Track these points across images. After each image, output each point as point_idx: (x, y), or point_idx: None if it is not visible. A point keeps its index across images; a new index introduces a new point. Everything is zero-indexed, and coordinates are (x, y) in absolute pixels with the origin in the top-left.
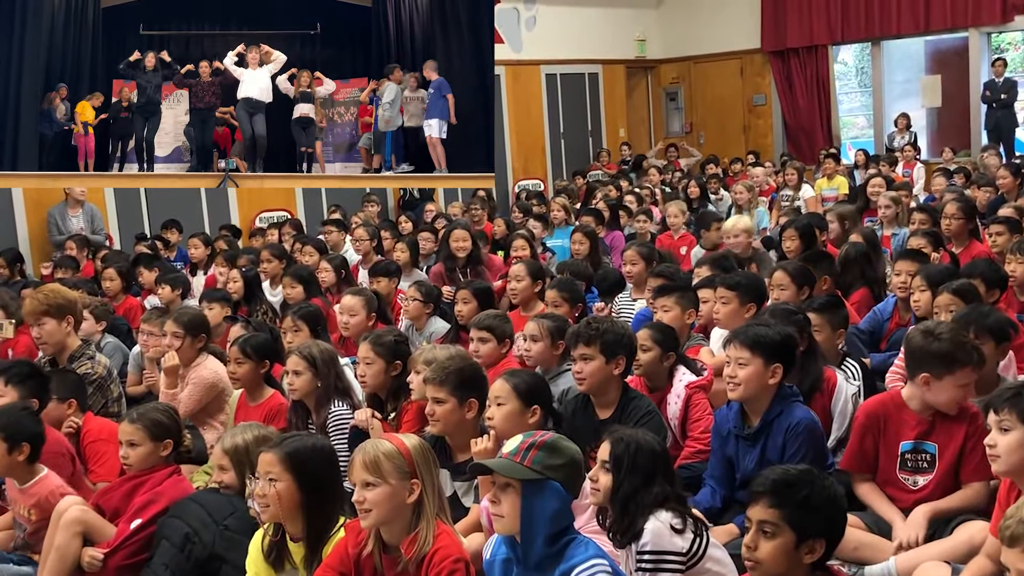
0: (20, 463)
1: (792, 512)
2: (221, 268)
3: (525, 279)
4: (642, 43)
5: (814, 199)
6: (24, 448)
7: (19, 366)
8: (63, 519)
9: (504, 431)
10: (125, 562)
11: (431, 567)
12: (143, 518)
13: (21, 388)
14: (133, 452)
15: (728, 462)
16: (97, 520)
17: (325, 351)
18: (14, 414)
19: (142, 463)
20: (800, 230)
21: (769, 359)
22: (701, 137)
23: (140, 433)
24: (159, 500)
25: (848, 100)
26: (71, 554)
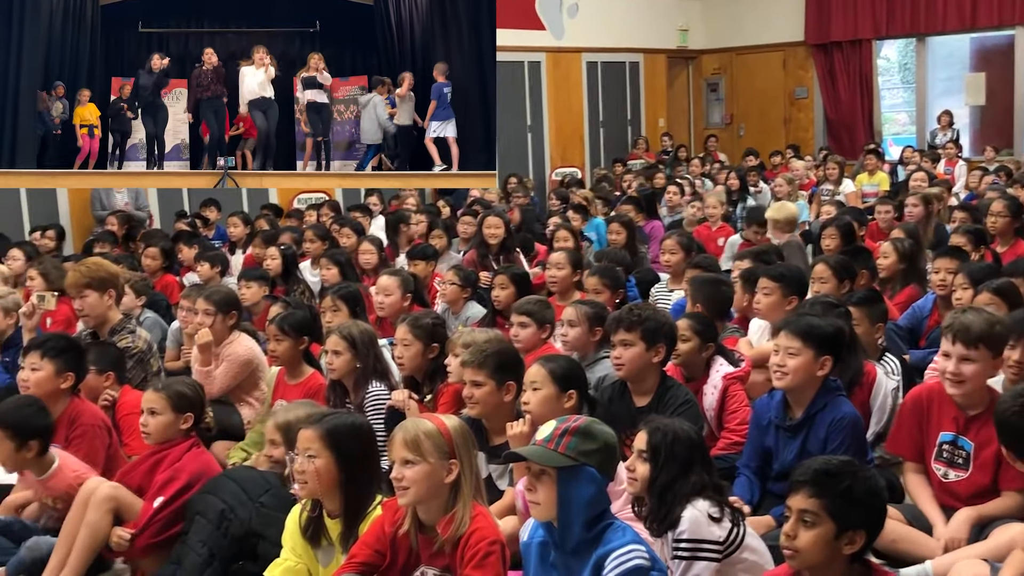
0: (31, 459)
1: (833, 502)
2: (260, 247)
3: (566, 267)
4: (684, 33)
5: (854, 194)
6: (32, 445)
7: (55, 339)
8: (95, 496)
9: (540, 416)
10: (152, 540)
11: (467, 548)
12: (165, 496)
13: (57, 361)
14: (153, 420)
15: (765, 453)
16: (128, 498)
17: (365, 332)
18: (20, 411)
19: (160, 433)
20: (841, 228)
21: (819, 350)
22: (741, 129)
23: (162, 402)
24: (180, 476)
25: (890, 96)
26: (102, 531)
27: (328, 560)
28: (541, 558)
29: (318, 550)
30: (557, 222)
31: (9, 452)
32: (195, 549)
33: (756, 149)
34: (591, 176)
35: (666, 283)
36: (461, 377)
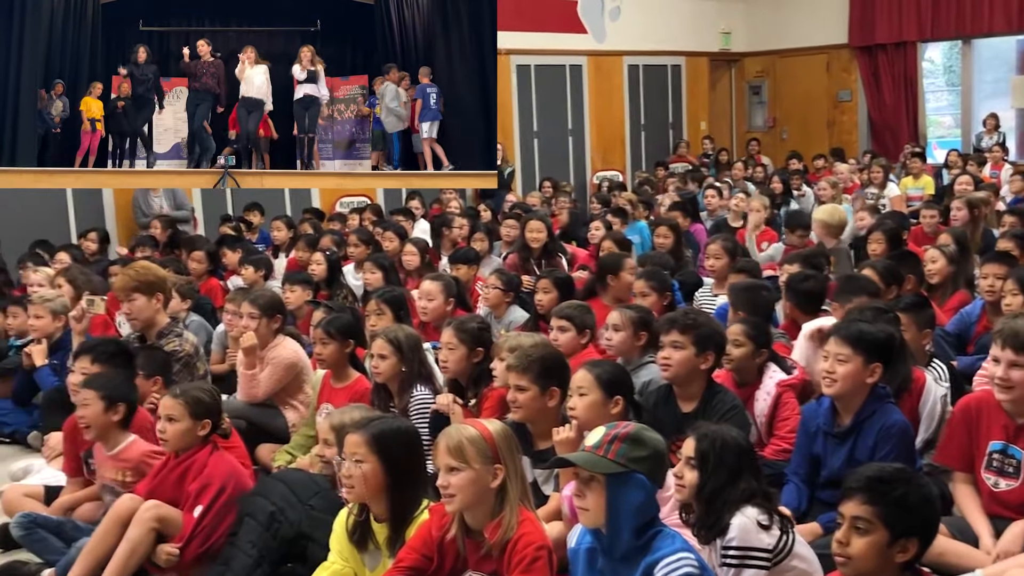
0: (114, 424)
1: (887, 510)
2: (303, 251)
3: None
4: (727, 36)
5: (899, 198)
6: (119, 408)
7: (105, 344)
8: (140, 514)
9: (586, 421)
10: (200, 550)
11: (514, 553)
12: (203, 503)
13: (107, 366)
14: (171, 427)
15: (813, 460)
16: (171, 513)
17: (410, 336)
18: (114, 378)
19: (178, 440)
20: (887, 233)
21: (870, 357)
22: (784, 132)
23: (180, 409)
24: (213, 482)
25: (934, 99)
26: (143, 549)
27: (375, 564)
28: (589, 564)
29: (365, 554)
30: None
31: (98, 412)
32: (244, 550)
33: (799, 152)
34: (632, 179)
35: (710, 287)
36: (506, 381)
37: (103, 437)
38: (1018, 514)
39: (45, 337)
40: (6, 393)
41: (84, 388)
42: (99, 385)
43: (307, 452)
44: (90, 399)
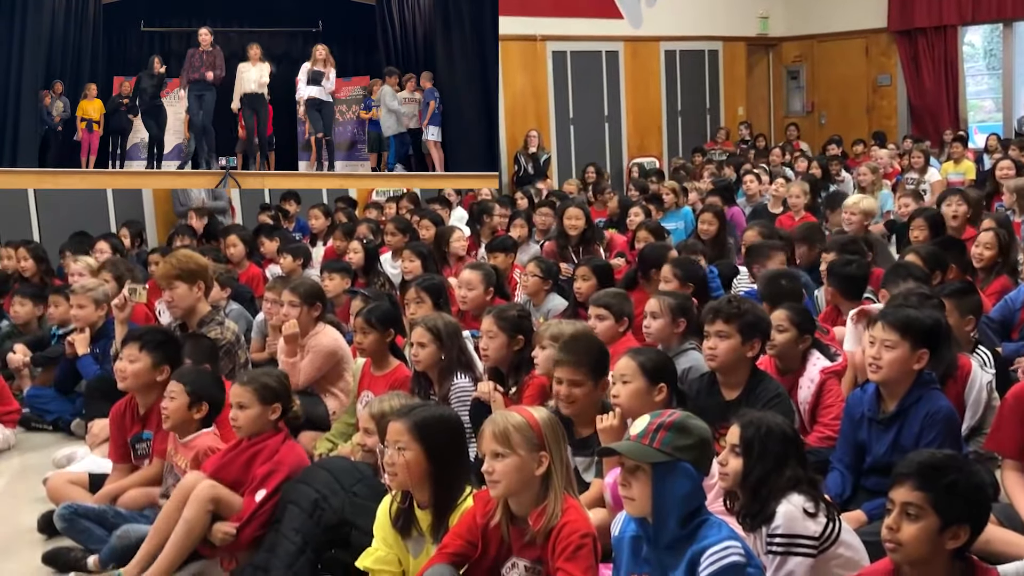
0: (195, 420)
1: (938, 496)
2: (340, 240)
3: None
4: (764, 20)
5: (940, 183)
6: (203, 407)
7: (152, 333)
8: (195, 494)
9: (629, 409)
10: (257, 533)
11: (559, 540)
12: (268, 489)
13: (155, 354)
14: (242, 414)
15: (858, 447)
16: (227, 495)
17: (450, 324)
18: (205, 376)
19: (251, 426)
20: (929, 220)
21: (916, 343)
22: (823, 117)
23: (249, 395)
24: (280, 469)
25: (975, 83)
26: (199, 529)
27: (419, 550)
28: (633, 553)
29: (408, 540)
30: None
31: (181, 406)
32: (289, 537)
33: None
34: (668, 166)
35: (747, 276)
36: (548, 370)
37: (179, 430)
38: None
39: (87, 326)
40: (48, 381)
41: (174, 380)
42: (188, 380)
43: (348, 440)
44: (176, 392)
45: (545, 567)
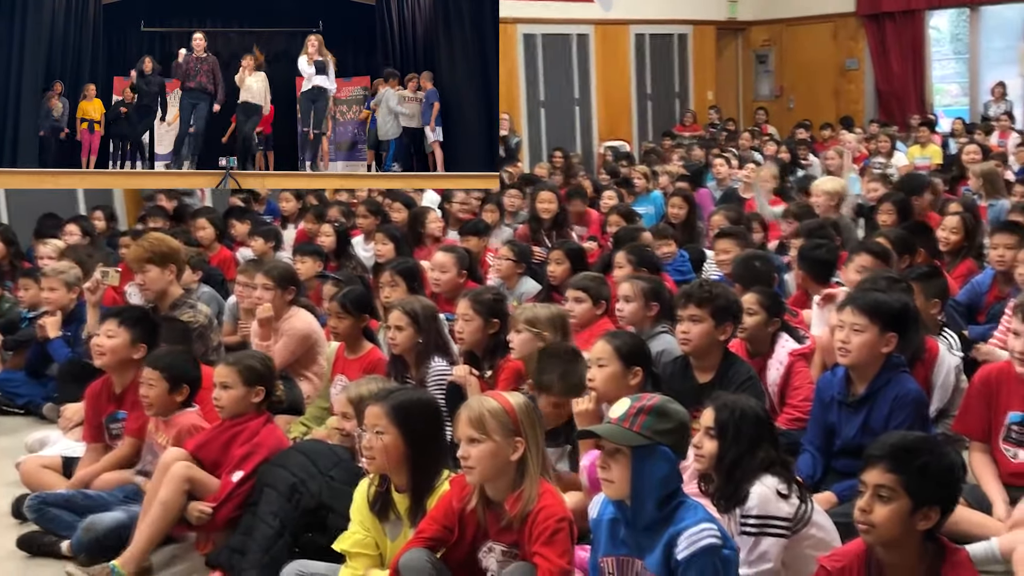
0: (176, 404)
1: (910, 478)
2: (311, 223)
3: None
4: (733, 4)
5: (907, 167)
6: (184, 390)
7: (132, 310)
8: (169, 474)
9: (605, 393)
10: (233, 514)
11: (535, 525)
12: (245, 470)
13: (133, 330)
14: (225, 394)
15: (828, 430)
16: (202, 475)
17: (427, 307)
18: (180, 357)
19: (233, 407)
20: (897, 204)
21: (885, 327)
22: (791, 101)
23: (234, 376)
24: (259, 451)
25: (941, 67)
26: (176, 508)
27: (396, 534)
28: (611, 534)
29: (386, 524)
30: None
31: (162, 392)
32: (266, 521)
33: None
34: (639, 149)
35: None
36: (523, 354)
37: (163, 413)
38: None
39: (59, 309)
40: (19, 365)
41: (149, 368)
42: (164, 365)
43: (321, 424)
44: (154, 379)
45: (521, 551)
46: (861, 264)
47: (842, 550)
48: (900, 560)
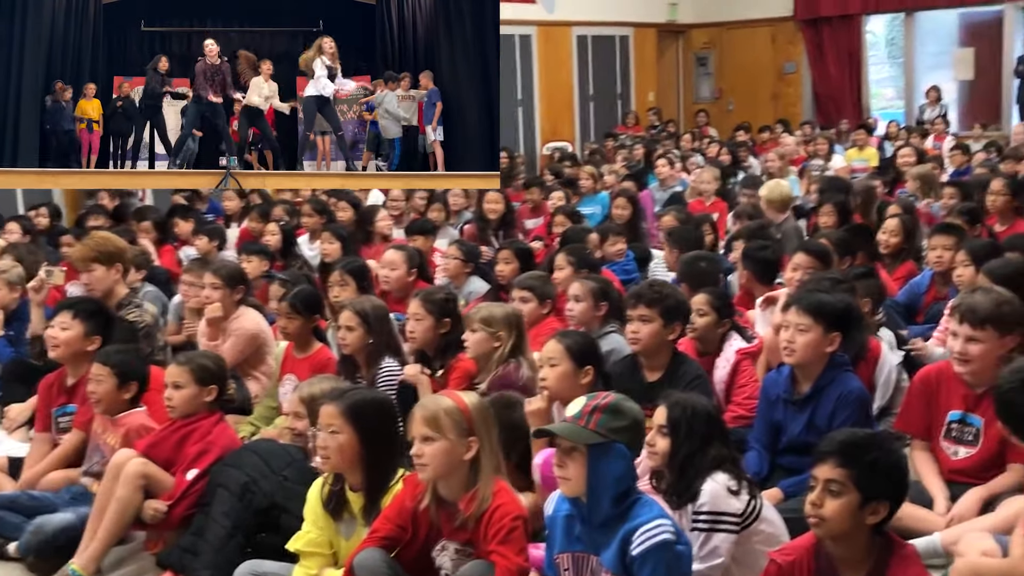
0: (124, 401)
1: (859, 473)
2: (255, 222)
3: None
4: (674, 7)
5: (844, 169)
6: (131, 386)
7: (87, 302)
8: (125, 472)
9: (557, 392)
10: (187, 512)
11: (491, 524)
12: (199, 468)
13: (87, 323)
14: (177, 394)
15: (774, 427)
16: (157, 472)
17: (377, 307)
18: (128, 355)
19: (185, 406)
20: (837, 206)
21: (829, 327)
22: (730, 104)
23: (186, 376)
24: (212, 449)
25: (876, 71)
26: (132, 507)
27: (350, 533)
28: (566, 531)
29: (340, 523)
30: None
31: (110, 389)
32: (219, 521)
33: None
34: (581, 150)
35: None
36: (479, 353)
37: (110, 411)
38: (976, 481)
39: (1, 308)
40: None
41: (98, 364)
42: (114, 361)
43: (270, 423)
44: (103, 375)
45: (475, 550)
46: (798, 263)
47: (792, 545)
48: (849, 554)
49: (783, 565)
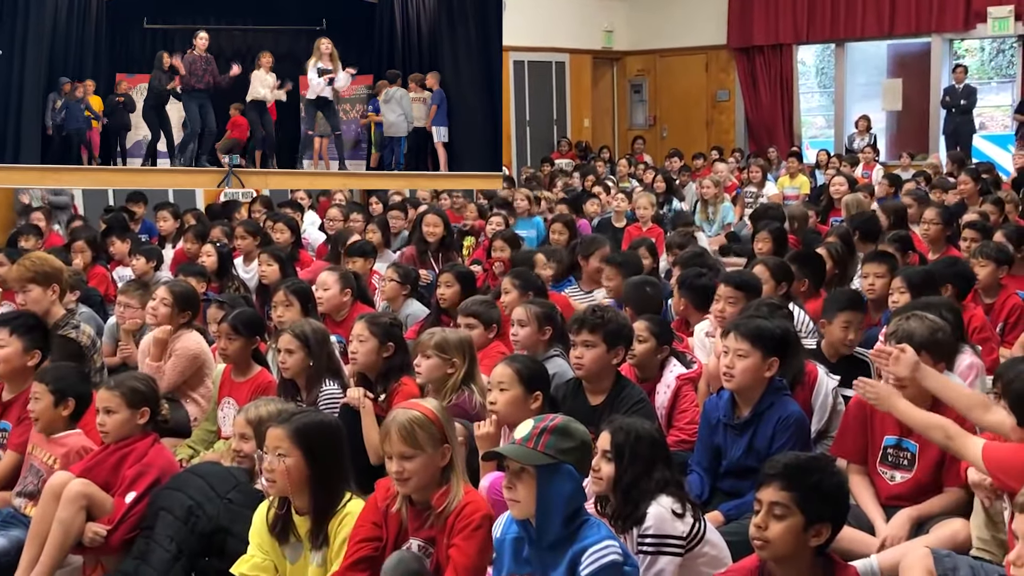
0: (63, 418)
1: (803, 495)
2: (191, 243)
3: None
4: (609, 34)
5: (777, 196)
6: (69, 403)
7: (24, 317)
8: (67, 493)
9: (506, 416)
10: (127, 536)
11: (459, 519)
12: (137, 491)
13: (25, 339)
14: (110, 419)
15: (714, 451)
16: (98, 493)
17: (317, 330)
18: (65, 370)
19: (119, 431)
20: (773, 233)
21: (767, 352)
22: (664, 130)
23: (117, 400)
24: (149, 471)
25: (807, 100)
26: (76, 528)
27: (296, 557)
28: (515, 554)
29: (286, 546)
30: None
31: (47, 406)
32: (163, 545)
33: (680, 151)
34: (518, 175)
35: (578, 285)
36: (430, 378)
37: (49, 429)
38: (913, 504)
39: None
40: None
41: (36, 381)
42: (51, 378)
43: (209, 447)
44: (40, 392)
45: (437, 549)
46: (720, 294)
47: (735, 567)
48: (793, 575)
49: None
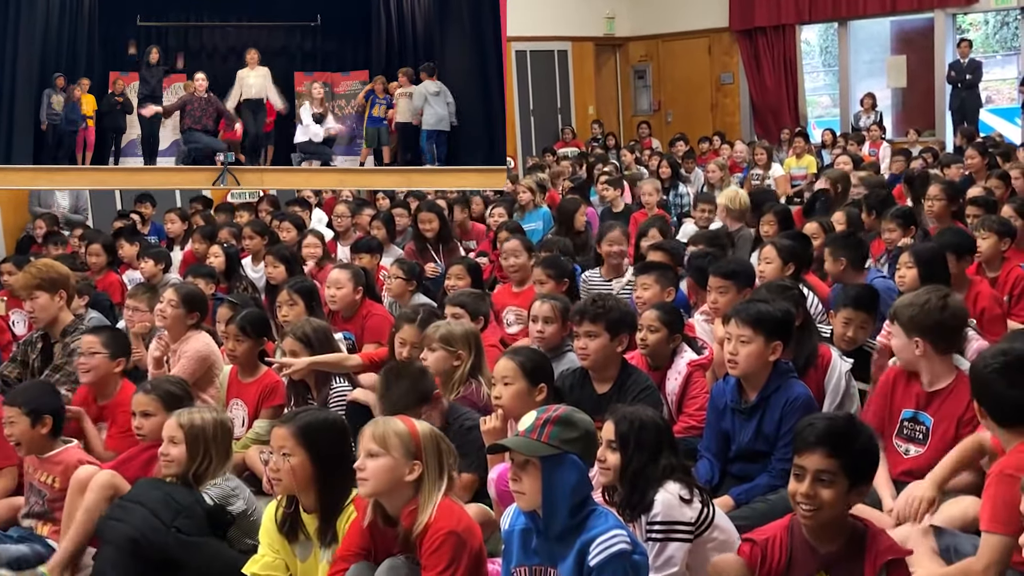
0: (43, 436)
1: (849, 462)
2: (199, 243)
3: (523, 254)
4: (611, 21)
5: (783, 178)
6: (46, 420)
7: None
8: (94, 481)
9: (511, 409)
10: None
11: (426, 539)
12: None
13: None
14: (147, 422)
15: (723, 436)
16: (126, 486)
17: (319, 329)
18: (35, 389)
19: (156, 433)
20: (778, 215)
21: (770, 336)
22: (669, 115)
23: (155, 404)
24: None
25: (811, 80)
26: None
27: (306, 554)
28: (523, 545)
29: (295, 545)
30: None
31: (25, 428)
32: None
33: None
34: (523, 166)
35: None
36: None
37: (32, 451)
38: None
39: None
40: None
41: (7, 406)
42: (22, 401)
43: None
44: (14, 416)
45: None
46: (711, 285)
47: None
48: (829, 532)
49: (759, 542)
